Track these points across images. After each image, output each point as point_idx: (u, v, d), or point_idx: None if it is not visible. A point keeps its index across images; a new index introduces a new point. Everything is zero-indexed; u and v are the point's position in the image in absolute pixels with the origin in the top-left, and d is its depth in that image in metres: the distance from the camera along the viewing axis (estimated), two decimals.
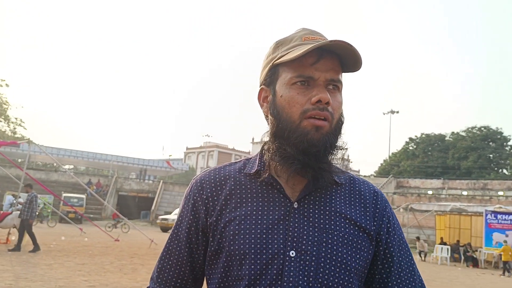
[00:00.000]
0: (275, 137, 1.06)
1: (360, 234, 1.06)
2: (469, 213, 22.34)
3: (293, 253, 1.00)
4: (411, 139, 54.05)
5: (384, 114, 55.18)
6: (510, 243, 17.12)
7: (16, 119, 41.76)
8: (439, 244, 20.26)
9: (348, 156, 1.08)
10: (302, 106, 1.02)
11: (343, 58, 1.05)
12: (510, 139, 49.05)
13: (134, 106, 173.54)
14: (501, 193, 32.67)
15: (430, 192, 34.45)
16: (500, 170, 48.22)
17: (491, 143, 48.73)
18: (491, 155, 47.86)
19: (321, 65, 1.03)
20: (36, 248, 11.19)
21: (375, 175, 47.08)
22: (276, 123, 1.06)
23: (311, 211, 1.05)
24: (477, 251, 19.67)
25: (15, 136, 41.08)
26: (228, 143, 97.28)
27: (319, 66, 1.02)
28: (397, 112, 54.55)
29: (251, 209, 1.06)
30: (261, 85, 1.13)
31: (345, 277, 1.01)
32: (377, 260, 1.11)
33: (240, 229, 1.03)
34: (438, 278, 13.12)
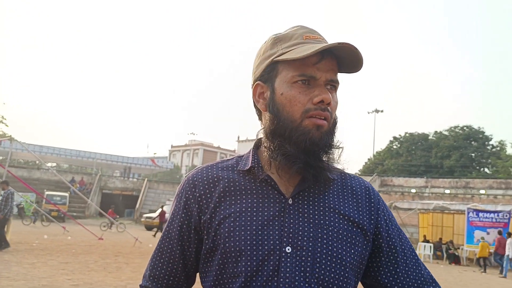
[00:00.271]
0: (274, 135, 1.05)
1: (354, 229, 1.07)
2: (451, 211, 22.62)
3: (289, 249, 1.00)
4: (395, 138, 54.52)
5: (368, 113, 55.60)
6: (491, 241, 17.42)
7: None
8: (422, 241, 20.52)
9: (341, 155, 1.07)
10: (304, 105, 1.02)
11: (343, 60, 1.05)
12: (492, 138, 49.86)
13: (118, 103, 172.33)
14: (482, 191, 33.12)
15: (413, 191, 34.73)
16: (482, 169, 48.95)
17: (473, 142, 49.42)
18: (473, 154, 48.53)
19: (322, 65, 1.03)
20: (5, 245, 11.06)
21: (359, 173, 47.35)
22: (275, 120, 1.05)
23: (305, 207, 1.05)
24: (459, 248, 19.99)
25: None
26: (213, 141, 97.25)
27: (320, 66, 1.03)
28: (382, 111, 54.99)
29: (246, 206, 1.05)
30: (256, 81, 1.12)
31: (341, 272, 1.02)
32: (381, 254, 1.12)
33: (235, 226, 1.03)
34: None
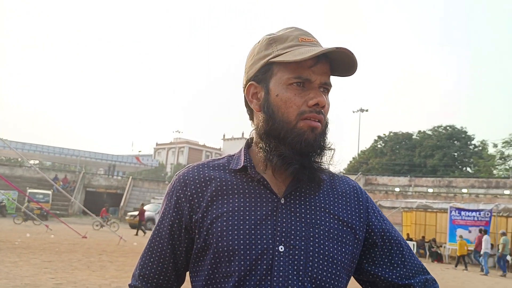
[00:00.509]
0: (268, 136, 1.06)
1: (344, 228, 1.09)
2: (434, 210, 22.91)
3: (282, 248, 1.01)
4: (379, 137, 54.93)
5: (354, 112, 56.01)
6: (473, 239, 17.70)
7: None
8: (405, 240, 20.72)
9: (333, 156, 1.09)
10: (299, 107, 1.04)
11: (337, 63, 1.07)
12: (474, 138, 50.61)
13: (103, 100, 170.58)
14: (465, 190, 33.58)
15: (397, 189, 35.04)
16: (464, 168, 49.66)
17: (455, 142, 50.06)
18: (455, 154, 49.18)
19: (317, 68, 1.05)
20: None
21: (344, 172, 47.63)
22: (270, 121, 1.06)
23: (297, 206, 1.06)
24: (441, 246, 20.28)
25: None
26: (199, 140, 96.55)
27: (316, 69, 1.05)
28: (367, 110, 55.48)
29: (239, 205, 1.06)
30: (250, 81, 1.12)
31: (333, 271, 1.04)
32: (376, 249, 1.15)
33: (228, 225, 1.03)
34: None
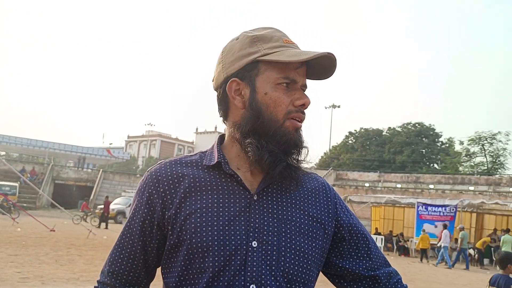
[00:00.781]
0: (255, 133, 1.08)
1: (314, 224, 1.13)
2: (402, 205, 23.45)
3: (255, 244, 1.04)
4: (350, 133, 55.71)
5: (326, 108, 56.51)
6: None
7: None
8: (374, 234, 21.22)
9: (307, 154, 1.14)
10: (287, 107, 1.08)
11: (313, 67, 1.12)
12: (442, 135, 51.97)
13: (73, 91, 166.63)
14: (432, 186, 34.45)
15: (367, 185, 35.68)
16: (432, 165, 50.92)
17: (424, 138, 51.27)
18: (423, 150, 50.36)
19: (301, 70, 1.11)
20: None
21: (315, 167, 48.10)
22: (258, 119, 1.08)
23: (269, 202, 1.10)
24: (408, 241, 20.81)
25: None
26: (172, 133, 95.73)
27: (300, 71, 1.10)
28: (339, 106, 56.04)
29: (212, 202, 1.07)
30: (231, 77, 1.11)
31: (304, 265, 1.07)
32: (344, 243, 1.19)
33: (202, 221, 1.05)
34: None
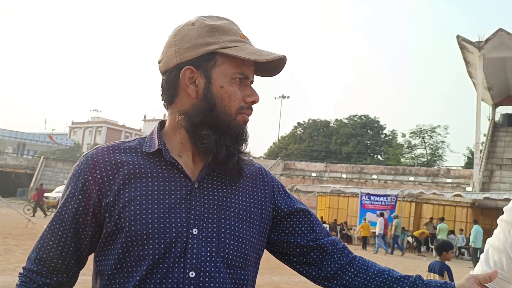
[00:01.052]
0: (207, 125, 1.08)
1: (252, 209, 1.16)
2: (346, 195, 24.18)
3: (195, 231, 1.05)
4: (299, 123, 56.58)
5: (275, 99, 57.13)
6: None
7: None
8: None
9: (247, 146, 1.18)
10: (240, 102, 1.11)
11: (264, 65, 1.14)
12: (386, 127, 53.90)
13: (13, 72, 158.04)
14: (375, 176, 35.69)
15: (314, 175, 36.40)
16: (376, 156, 52.76)
17: (369, 130, 52.95)
18: (368, 142, 52.07)
19: (253, 67, 1.14)
20: None
21: (264, 157, 48.60)
22: (212, 111, 1.08)
23: (210, 190, 1.11)
24: (351, 229, 21.54)
25: None
26: (118, 120, 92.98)
27: (252, 68, 1.14)
28: (288, 97, 56.87)
29: (152, 189, 1.06)
30: (186, 64, 1.10)
31: (243, 250, 1.10)
32: (285, 222, 1.23)
33: (142, 209, 1.04)
34: None
